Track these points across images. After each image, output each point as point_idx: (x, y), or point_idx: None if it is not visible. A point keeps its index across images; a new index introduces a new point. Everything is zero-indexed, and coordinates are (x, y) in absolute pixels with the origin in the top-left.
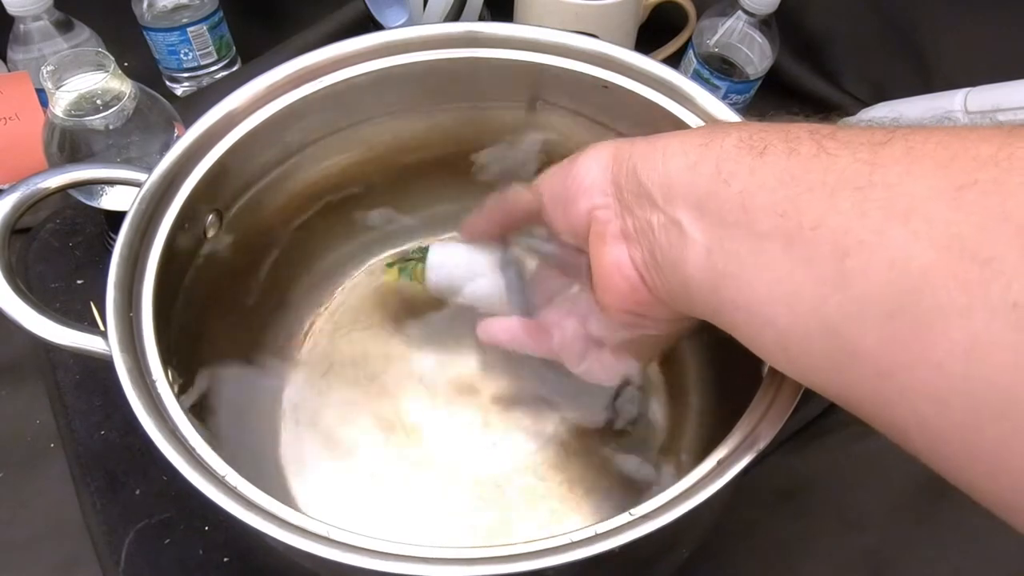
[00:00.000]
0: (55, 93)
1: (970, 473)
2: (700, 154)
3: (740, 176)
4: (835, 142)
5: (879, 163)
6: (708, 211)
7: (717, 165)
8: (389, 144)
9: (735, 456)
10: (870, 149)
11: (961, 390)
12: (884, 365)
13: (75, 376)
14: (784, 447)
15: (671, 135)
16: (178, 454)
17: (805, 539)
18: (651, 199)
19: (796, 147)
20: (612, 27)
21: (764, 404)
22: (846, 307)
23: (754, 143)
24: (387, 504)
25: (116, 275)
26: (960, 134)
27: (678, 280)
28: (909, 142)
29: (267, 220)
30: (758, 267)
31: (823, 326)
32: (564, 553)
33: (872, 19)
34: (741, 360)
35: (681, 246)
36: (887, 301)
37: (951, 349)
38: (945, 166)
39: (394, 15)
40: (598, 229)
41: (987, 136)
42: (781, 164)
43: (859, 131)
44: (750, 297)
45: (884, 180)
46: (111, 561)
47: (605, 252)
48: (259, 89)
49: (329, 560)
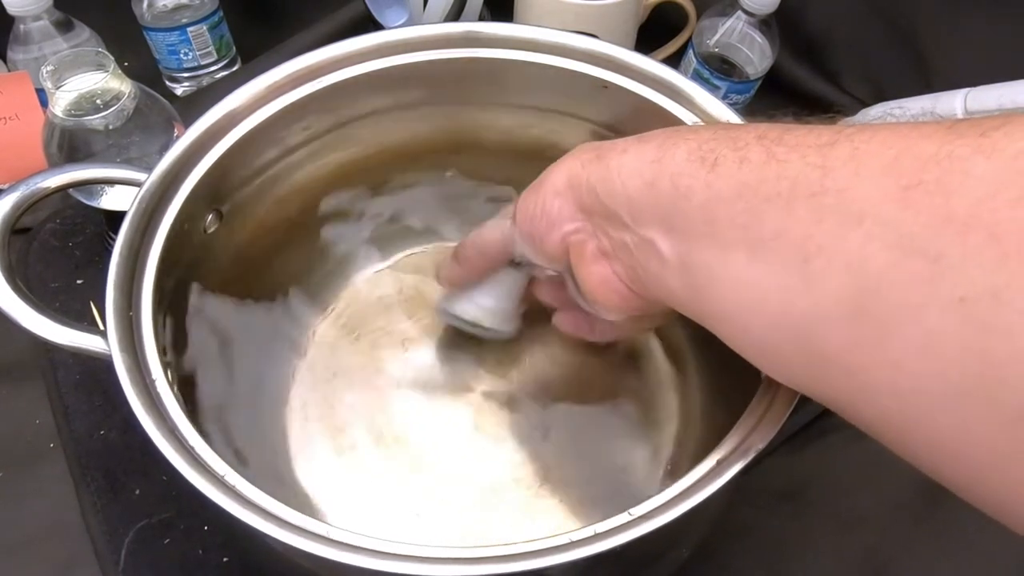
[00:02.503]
0: (55, 93)
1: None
2: (654, 171)
3: (697, 190)
4: (783, 147)
5: (829, 166)
6: (675, 227)
7: (672, 181)
8: (389, 144)
9: (734, 456)
10: (818, 152)
11: (917, 387)
12: (851, 365)
13: (75, 376)
14: (783, 447)
15: (621, 149)
16: (178, 454)
17: (804, 539)
18: (620, 220)
19: (746, 155)
20: (612, 27)
21: (763, 404)
22: (811, 311)
23: (704, 155)
24: (389, 506)
25: (116, 275)
26: (902, 132)
27: (662, 291)
28: (854, 142)
29: (267, 219)
30: (727, 278)
31: (793, 331)
32: (564, 553)
33: (872, 19)
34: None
35: (658, 262)
36: (848, 303)
37: (907, 347)
38: (890, 166)
39: (394, 15)
40: (577, 251)
41: (928, 133)
42: (734, 175)
43: (805, 133)
44: (724, 307)
45: (835, 184)
46: (111, 561)
47: (591, 272)
48: (259, 89)
49: (328, 560)
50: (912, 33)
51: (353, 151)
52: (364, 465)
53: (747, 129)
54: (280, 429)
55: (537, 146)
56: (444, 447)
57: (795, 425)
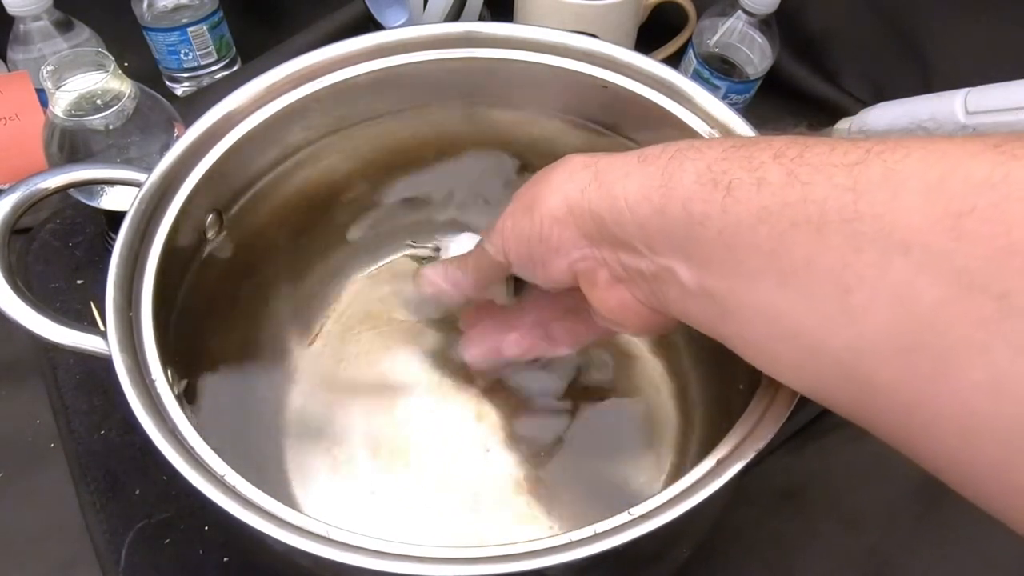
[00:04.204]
0: (55, 93)
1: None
2: (663, 197)
3: (714, 217)
4: (806, 168)
5: (861, 189)
6: (693, 256)
7: (684, 207)
8: (389, 144)
9: (734, 456)
10: (846, 172)
11: (990, 427)
12: (906, 401)
13: (75, 376)
14: (784, 447)
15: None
16: (178, 454)
17: (805, 539)
18: (633, 248)
19: (763, 175)
20: (612, 27)
21: (763, 404)
22: (857, 343)
23: (716, 177)
24: (388, 512)
25: (116, 275)
26: (941, 149)
27: (684, 315)
28: (886, 162)
29: (267, 220)
30: (754, 307)
31: (834, 362)
32: (564, 553)
33: (872, 19)
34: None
35: (678, 290)
36: (900, 337)
37: (975, 386)
38: (935, 189)
39: (394, 15)
40: (588, 279)
41: (974, 152)
42: (753, 199)
43: (827, 151)
44: (752, 336)
45: (871, 210)
46: (111, 561)
47: (607, 297)
48: (259, 89)
49: (328, 560)
50: (912, 33)
51: (353, 151)
52: (361, 471)
53: (759, 147)
54: (275, 441)
55: (537, 146)
56: (443, 447)
57: (795, 425)
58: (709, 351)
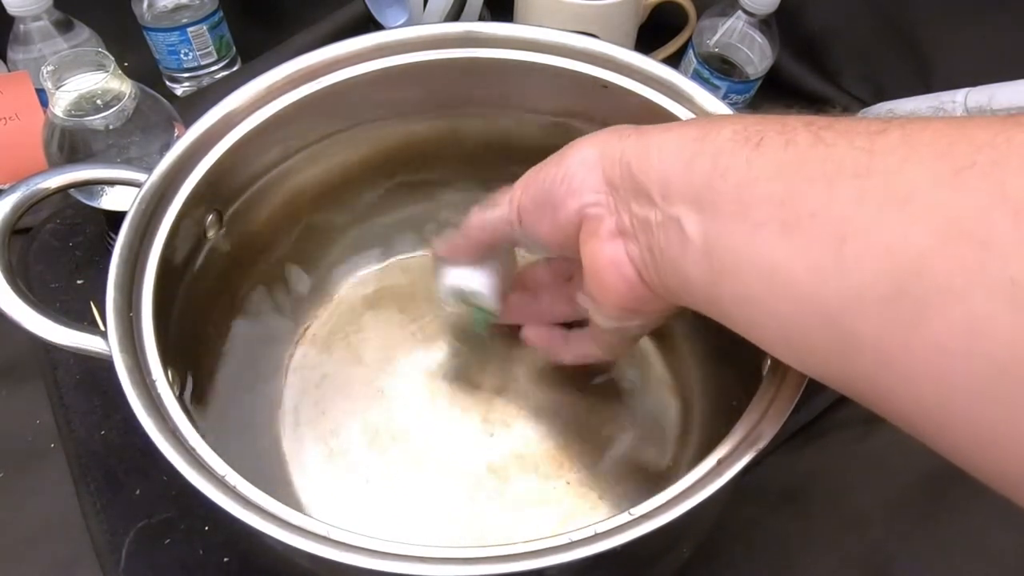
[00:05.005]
0: (55, 93)
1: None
2: (695, 149)
3: (736, 169)
4: (832, 132)
5: (877, 151)
6: (704, 206)
7: (713, 160)
8: (389, 144)
9: (735, 455)
10: (867, 138)
11: (962, 370)
12: (885, 350)
13: (75, 376)
14: (784, 446)
15: (662, 129)
16: (178, 454)
17: (805, 539)
18: (648, 196)
19: (793, 137)
20: (612, 27)
21: (764, 403)
22: (844, 293)
23: (749, 135)
24: (387, 504)
25: (116, 275)
26: (957, 123)
27: (677, 277)
28: (906, 131)
29: (267, 220)
30: (754, 258)
31: (822, 313)
32: (564, 553)
33: (872, 19)
34: (741, 359)
35: (680, 243)
36: (885, 285)
37: (951, 330)
38: (944, 152)
39: (394, 15)
40: (591, 227)
41: (984, 124)
42: (778, 155)
43: (855, 121)
44: (749, 291)
45: (884, 167)
46: (111, 561)
47: (601, 249)
48: (259, 89)
49: (328, 560)
50: (912, 33)
51: (353, 152)
52: (358, 466)
53: (796, 117)
54: (273, 435)
55: (537, 146)
56: (441, 447)
57: (795, 425)
58: (710, 351)
